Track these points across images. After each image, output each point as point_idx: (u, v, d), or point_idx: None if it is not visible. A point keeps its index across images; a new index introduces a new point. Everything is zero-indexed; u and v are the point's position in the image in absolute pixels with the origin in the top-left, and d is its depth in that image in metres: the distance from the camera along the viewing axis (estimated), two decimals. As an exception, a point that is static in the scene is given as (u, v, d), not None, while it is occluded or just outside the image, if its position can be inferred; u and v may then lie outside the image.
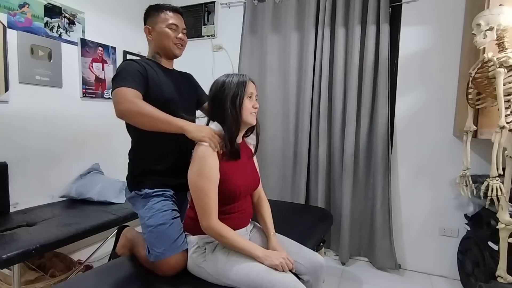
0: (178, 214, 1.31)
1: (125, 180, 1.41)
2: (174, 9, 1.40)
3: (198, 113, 1.50)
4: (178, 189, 1.36)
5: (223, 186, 1.15)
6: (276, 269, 1.08)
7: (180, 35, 1.39)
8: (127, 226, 1.65)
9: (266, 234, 1.30)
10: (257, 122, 1.28)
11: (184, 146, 1.27)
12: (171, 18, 1.37)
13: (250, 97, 1.20)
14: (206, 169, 1.12)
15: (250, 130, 1.32)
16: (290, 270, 1.14)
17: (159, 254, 1.18)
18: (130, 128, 1.34)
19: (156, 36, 1.37)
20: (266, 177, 2.58)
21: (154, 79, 1.30)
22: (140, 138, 1.35)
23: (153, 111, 1.15)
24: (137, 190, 1.32)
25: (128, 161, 1.40)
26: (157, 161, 1.33)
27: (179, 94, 1.39)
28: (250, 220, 1.36)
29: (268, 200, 1.41)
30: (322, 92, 2.39)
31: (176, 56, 1.44)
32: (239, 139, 1.25)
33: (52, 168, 2.11)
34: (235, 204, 1.22)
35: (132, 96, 1.17)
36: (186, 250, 1.22)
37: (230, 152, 1.17)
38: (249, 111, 1.19)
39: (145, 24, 1.41)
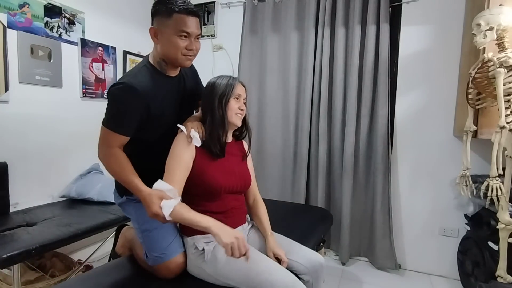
0: None
1: None
2: (189, 11, 1.13)
3: None
4: None
5: (201, 178, 1.17)
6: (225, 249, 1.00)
7: (192, 45, 1.16)
8: (126, 225, 1.64)
9: (263, 235, 1.30)
10: (249, 126, 1.32)
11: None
12: (183, 23, 1.12)
13: (237, 98, 1.22)
14: (175, 150, 1.16)
15: (241, 131, 1.34)
16: (290, 270, 1.14)
17: (158, 258, 1.17)
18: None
19: (163, 42, 1.15)
20: (266, 177, 2.58)
21: (156, 107, 1.18)
22: (128, 153, 1.22)
23: (123, 176, 1.14)
24: (129, 195, 1.27)
25: None
26: (148, 170, 1.21)
27: (181, 105, 1.30)
28: (249, 219, 1.36)
29: (268, 200, 1.41)
30: (322, 92, 2.39)
31: (184, 67, 1.24)
32: (228, 139, 1.27)
33: (52, 168, 2.11)
34: (220, 202, 1.21)
35: (112, 148, 1.14)
36: (184, 252, 1.21)
37: (213, 150, 1.19)
38: (234, 112, 1.21)
39: (152, 23, 1.19)
